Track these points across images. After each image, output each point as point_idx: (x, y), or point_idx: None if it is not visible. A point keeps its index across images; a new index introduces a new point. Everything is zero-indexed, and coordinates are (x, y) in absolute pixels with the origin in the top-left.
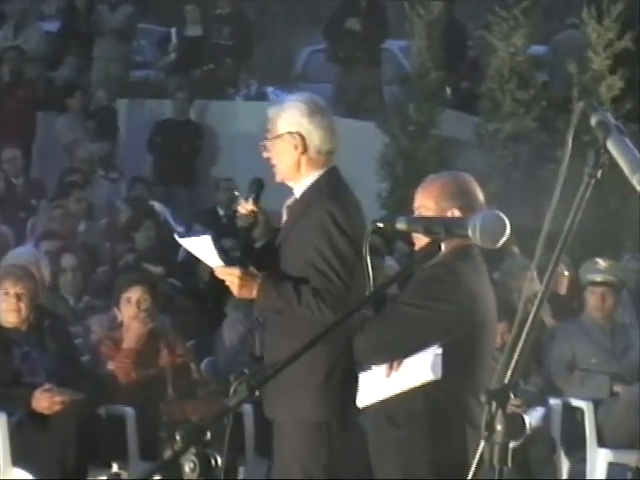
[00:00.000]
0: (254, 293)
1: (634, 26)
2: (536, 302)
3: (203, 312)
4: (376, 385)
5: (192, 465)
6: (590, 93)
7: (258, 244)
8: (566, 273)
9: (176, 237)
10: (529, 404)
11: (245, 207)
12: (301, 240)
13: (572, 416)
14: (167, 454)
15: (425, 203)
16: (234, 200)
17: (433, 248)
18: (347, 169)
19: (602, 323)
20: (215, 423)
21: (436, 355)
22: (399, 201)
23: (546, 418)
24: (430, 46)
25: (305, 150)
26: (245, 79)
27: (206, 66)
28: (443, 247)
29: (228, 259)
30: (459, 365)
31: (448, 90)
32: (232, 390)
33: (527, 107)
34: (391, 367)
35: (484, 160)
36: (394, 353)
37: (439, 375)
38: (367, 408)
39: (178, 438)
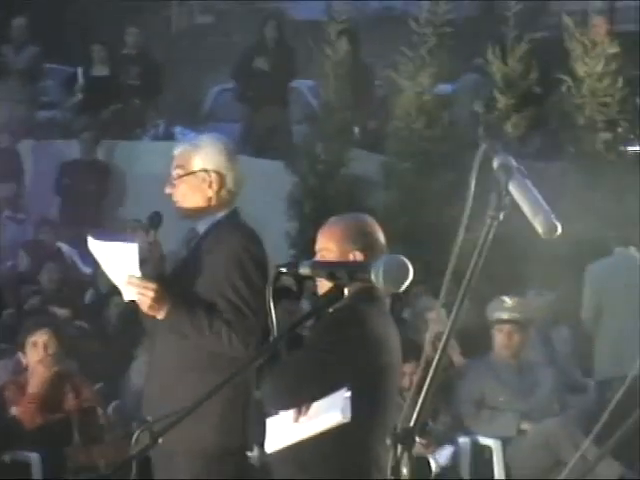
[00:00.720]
0: (163, 313)
1: (537, 66)
2: (442, 341)
3: (110, 355)
4: (285, 429)
5: None
6: (496, 132)
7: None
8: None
9: (89, 239)
10: (438, 443)
11: (145, 239)
12: (211, 274)
13: (481, 454)
14: None
15: (327, 246)
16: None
17: (336, 293)
18: (256, 208)
19: (509, 361)
20: (119, 471)
21: (344, 398)
22: (308, 240)
23: (455, 456)
24: (338, 85)
25: (219, 188)
26: (153, 119)
27: (113, 106)
28: (347, 291)
29: (146, 273)
30: (366, 408)
31: (356, 129)
32: (134, 438)
33: (434, 145)
34: (299, 411)
35: (392, 199)
36: (302, 397)
37: (348, 417)
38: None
39: None
